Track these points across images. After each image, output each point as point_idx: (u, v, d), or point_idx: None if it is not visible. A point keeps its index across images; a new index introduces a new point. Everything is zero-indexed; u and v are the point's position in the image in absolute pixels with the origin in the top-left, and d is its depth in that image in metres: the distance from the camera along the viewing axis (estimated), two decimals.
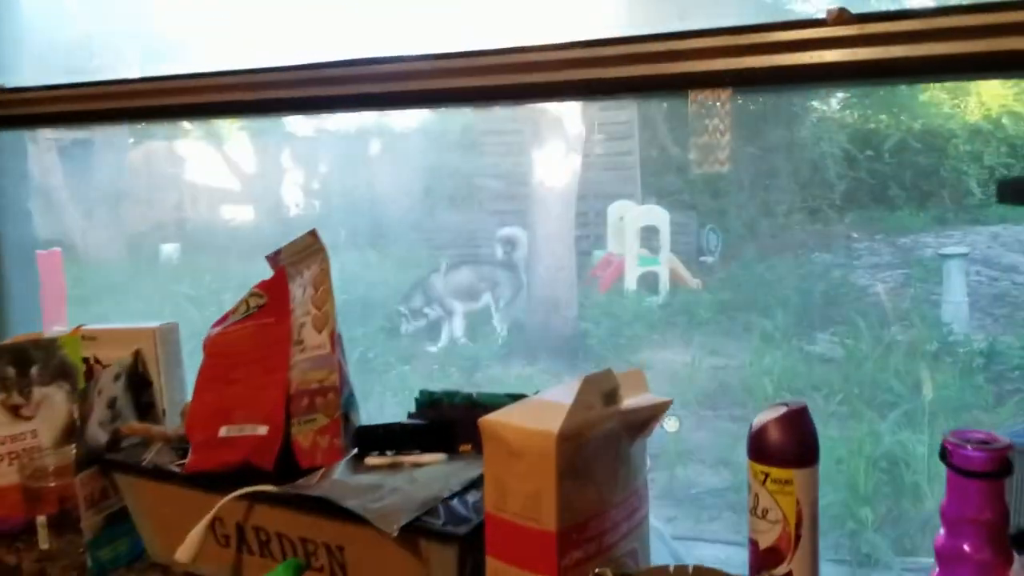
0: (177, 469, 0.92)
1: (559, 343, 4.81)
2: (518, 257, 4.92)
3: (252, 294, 1.02)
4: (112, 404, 1.02)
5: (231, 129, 7.04)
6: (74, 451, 0.97)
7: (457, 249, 5.15)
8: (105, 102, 1.34)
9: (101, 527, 0.97)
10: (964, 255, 4.48)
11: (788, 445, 0.69)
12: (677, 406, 0.82)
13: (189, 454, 0.92)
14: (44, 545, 0.99)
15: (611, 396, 0.75)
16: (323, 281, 0.96)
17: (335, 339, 0.94)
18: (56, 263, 2.22)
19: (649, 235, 5.41)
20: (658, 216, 5.43)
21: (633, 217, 5.42)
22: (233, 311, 1.03)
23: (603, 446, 0.74)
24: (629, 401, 0.76)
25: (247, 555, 0.88)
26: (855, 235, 5.97)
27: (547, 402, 0.75)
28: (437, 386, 0.98)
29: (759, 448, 0.71)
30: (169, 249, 6.41)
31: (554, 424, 0.69)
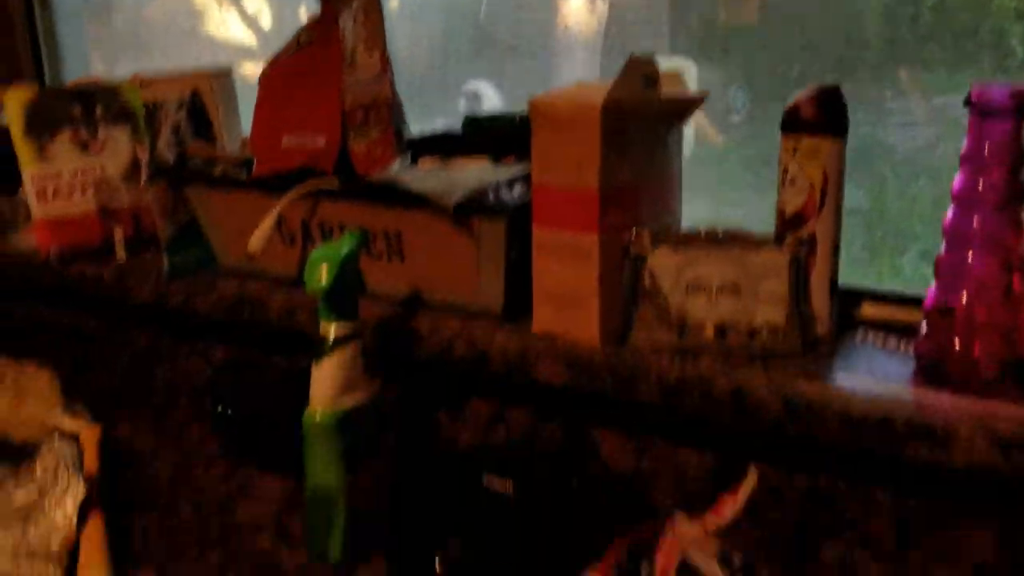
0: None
1: None
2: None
3: (302, 30, 1.06)
4: (176, 130, 1.08)
5: None
6: (145, 169, 1.04)
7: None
8: None
9: (174, 236, 1.03)
10: None
11: (819, 117, 0.74)
12: None
13: (254, 164, 0.99)
14: (121, 256, 1.07)
15: (651, 79, 0.80)
16: (374, 7, 1.00)
17: (385, 60, 0.98)
18: None
19: None
20: (685, 71, 5.34)
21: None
22: (284, 49, 1.07)
23: (642, 124, 0.79)
24: (668, 91, 0.82)
25: (311, 249, 0.96)
26: (888, 94, 5.87)
27: (592, 84, 0.80)
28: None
29: (792, 122, 0.76)
30: None
31: (599, 98, 0.74)
